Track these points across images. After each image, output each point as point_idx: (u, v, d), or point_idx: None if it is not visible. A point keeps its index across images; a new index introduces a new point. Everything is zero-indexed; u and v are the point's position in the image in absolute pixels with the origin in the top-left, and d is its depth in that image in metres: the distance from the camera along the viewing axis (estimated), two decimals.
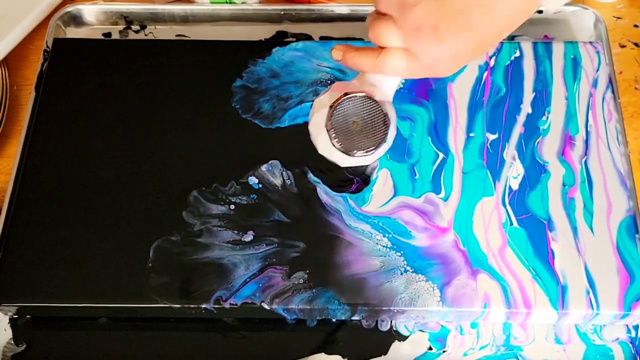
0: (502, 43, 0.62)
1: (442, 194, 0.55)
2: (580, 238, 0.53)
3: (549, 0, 0.40)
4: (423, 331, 0.53)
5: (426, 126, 0.58)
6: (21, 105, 0.65)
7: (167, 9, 0.68)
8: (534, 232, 0.53)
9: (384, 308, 0.50)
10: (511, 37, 0.67)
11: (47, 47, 0.65)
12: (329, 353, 0.53)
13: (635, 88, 0.65)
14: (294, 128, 0.58)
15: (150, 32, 0.69)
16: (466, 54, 0.41)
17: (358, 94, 0.45)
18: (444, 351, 0.53)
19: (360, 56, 0.44)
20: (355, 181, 0.56)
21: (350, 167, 0.55)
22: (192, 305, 0.50)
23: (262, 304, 0.50)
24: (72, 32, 0.68)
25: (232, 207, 0.54)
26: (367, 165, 0.56)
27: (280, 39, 0.67)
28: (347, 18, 0.68)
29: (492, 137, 0.57)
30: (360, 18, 0.68)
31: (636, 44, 0.68)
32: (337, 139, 0.45)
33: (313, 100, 0.49)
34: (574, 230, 0.53)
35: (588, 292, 0.51)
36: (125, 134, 0.58)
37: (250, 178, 0.56)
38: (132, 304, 0.51)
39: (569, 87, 0.60)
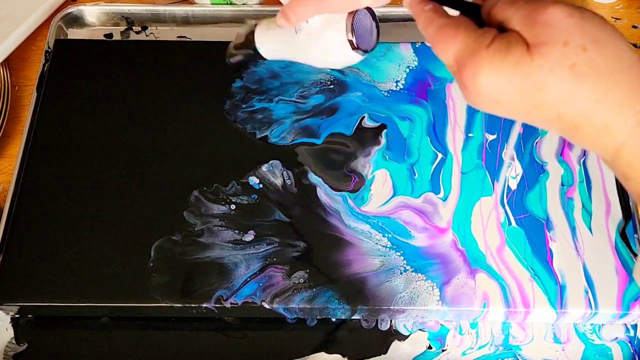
0: None
1: (441, 194, 0.55)
2: (579, 238, 0.53)
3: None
4: (422, 330, 0.54)
5: (425, 126, 0.58)
6: (23, 105, 0.65)
7: (168, 10, 0.68)
8: (532, 232, 0.53)
9: (383, 307, 0.51)
10: None
11: (49, 47, 0.65)
12: (329, 352, 0.53)
13: None
14: None
15: (151, 33, 0.69)
16: (511, 108, 0.34)
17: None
18: (443, 350, 0.53)
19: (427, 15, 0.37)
20: (353, 178, 0.56)
21: (349, 167, 0.56)
22: (193, 305, 0.51)
23: (263, 303, 0.51)
24: (74, 33, 0.69)
25: (233, 207, 0.54)
26: (364, 166, 0.56)
27: None
28: None
29: (490, 137, 0.58)
30: None
31: (635, 45, 0.68)
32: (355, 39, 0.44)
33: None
34: (573, 230, 0.53)
35: (587, 292, 0.51)
36: (127, 134, 0.58)
37: (250, 178, 0.56)
38: (134, 303, 0.51)
39: None
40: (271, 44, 0.49)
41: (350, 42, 0.44)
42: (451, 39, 0.34)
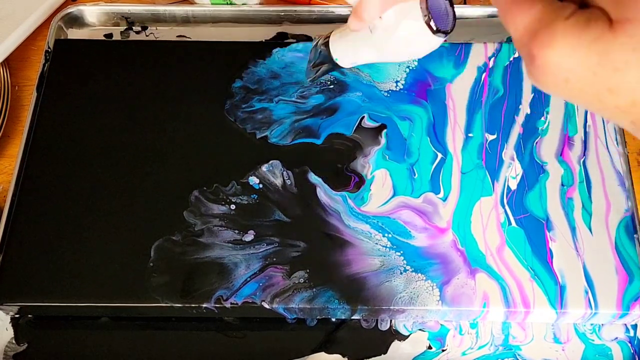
0: (501, 44, 0.62)
1: (441, 194, 0.55)
2: (579, 238, 0.53)
3: None
4: (422, 330, 0.54)
5: (425, 126, 0.58)
6: (23, 105, 0.65)
7: (168, 10, 0.68)
8: (532, 232, 0.53)
9: (383, 307, 0.51)
10: (510, 38, 0.67)
11: (49, 47, 0.65)
12: (329, 352, 0.53)
13: None
14: None
15: (151, 33, 0.69)
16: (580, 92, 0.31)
17: None
18: (443, 350, 0.53)
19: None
20: (353, 178, 0.56)
21: (349, 167, 0.56)
22: (193, 305, 0.51)
23: (263, 303, 0.51)
24: (74, 33, 0.69)
25: (233, 207, 0.54)
26: (364, 167, 0.56)
27: (280, 40, 0.68)
28: (347, 19, 0.68)
29: (490, 137, 0.58)
30: None
31: None
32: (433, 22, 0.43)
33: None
34: (573, 230, 0.53)
35: (587, 292, 0.51)
36: (127, 134, 0.58)
37: (250, 178, 0.56)
38: (134, 303, 0.51)
39: None
40: (349, 51, 0.48)
41: (429, 26, 0.42)
42: (527, 7, 0.31)
